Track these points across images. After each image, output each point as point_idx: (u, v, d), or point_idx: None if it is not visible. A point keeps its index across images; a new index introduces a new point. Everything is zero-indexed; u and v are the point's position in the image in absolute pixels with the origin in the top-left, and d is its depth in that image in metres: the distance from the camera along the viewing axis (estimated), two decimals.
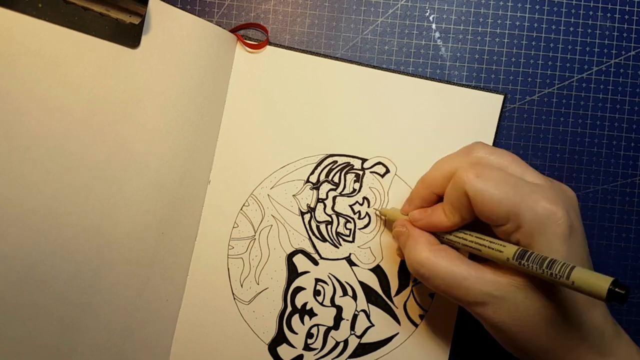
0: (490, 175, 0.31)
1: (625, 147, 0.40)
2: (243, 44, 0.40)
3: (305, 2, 0.41)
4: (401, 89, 0.40)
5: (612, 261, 0.40)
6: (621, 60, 0.40)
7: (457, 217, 0.33)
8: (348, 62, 0.40)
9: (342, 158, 0.40)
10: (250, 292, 0.40)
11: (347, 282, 0.40)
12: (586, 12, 0.40)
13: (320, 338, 0.39)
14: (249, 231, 0.40)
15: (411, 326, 0.39)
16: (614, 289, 0.26)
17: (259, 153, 0.40)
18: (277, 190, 0.40)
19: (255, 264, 0.40)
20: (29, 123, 0.28)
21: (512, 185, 0.31)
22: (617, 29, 0.40)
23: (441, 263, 0.32)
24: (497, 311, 0.31)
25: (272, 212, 0.40)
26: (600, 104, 0.40)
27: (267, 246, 0.40)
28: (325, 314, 0.39)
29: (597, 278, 0.27)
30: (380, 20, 0.40)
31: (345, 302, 0.39)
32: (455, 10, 0.40)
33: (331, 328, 0.39)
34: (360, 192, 0.40)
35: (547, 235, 0.30)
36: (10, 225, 0.28)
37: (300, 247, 0.40)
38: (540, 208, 0.30)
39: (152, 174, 0.35)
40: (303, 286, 0.40)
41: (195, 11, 0.40)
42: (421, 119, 0.40)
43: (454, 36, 0.40)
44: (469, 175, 0.32)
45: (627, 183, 0.40)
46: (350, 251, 0.40)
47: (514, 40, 0.40)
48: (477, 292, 0.31)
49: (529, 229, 0.30)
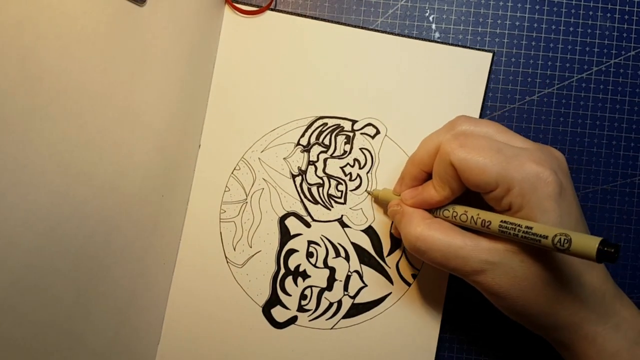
0: (474, 143, 0.32)
1: (625, 147, 0.40)
2: (232, 8, 0.40)
3: (305, 3, 0.41)
4: (390, 50, 0.40)
5: None
6: (621, 60, 0.40)
7: (446, 190, 0.33)
8: (336, 24, 0.40)
9: (333, 120, 0.40)
10: (243, 255, 0.40)
11: (339, 244, 0.40)
12: (586, 12, 0.40)
13: (314, 299, 0.40)
14: (240, 195, 0.40)
15: (404, 285, 0.40)
16: (603, 249, 0.26)
17: (249, 116, 0.40)
18: (268, 153, 0.40)
19: (248, 227, 0.40)
20: (49, 80, 0.28)
21: (496, 150, 0.31)
22: (617, 29, 0.40)
23: (436, 235, 0.32)
24: (495, 278, 0.31)
25: (263, 175, 0.40)
26: (600, 104, 0.40)
27: (259, 209, 0.40)
28: (319, 275, 0.40)
29: (586, 239, 0.27)
30: (380, 20, 0.40)
31: (338, 264, 0.40)
32: (455, 10, 0.40)
33: (324, 289, 0.40)
34: (350, 154, 0.40)
35: (537, 194, 0.30)
36: (31, 185, 0.28)
37: (292, 210, 0.40)
38: (528, 168, 0.30)
39: (156, 136, 0.35)
40: (296, 248, 0.40)
41: None
42: (410, 79, 0.40)
43: (454, 36, 0.40)
44: (452, 146, 0.32)
45: (627, 183, 0.40)
46: (342, 213, 0.40)
47: (514, 40, 0.40)
48: (475, 261, 0.31)
49: (519, 190, 0.30)
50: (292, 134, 0.40)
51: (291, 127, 0.40)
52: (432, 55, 0.40)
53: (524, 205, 0.30)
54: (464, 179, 0.32)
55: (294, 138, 0.40)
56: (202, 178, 0.40)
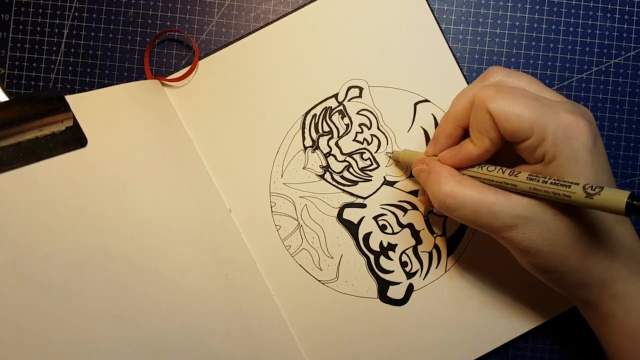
0: (510, 91, 0.32)
1: (625, 147, 0.40)
2: (167, 82, 0.40)
3: (305, 2, 0.41)
4: (330, 16, 0.40)
5: None
6: (621, 60, 0.40)
7: (485, 142, 0.32)
8: (265, 26, 0.40)
9: (318, 107, 0.40)
10: (332, 269, 0.40)
11: (399, 201, 0.40)
12: (586, 12, 0.40)
13: (414, 259, 0.40)
14: (292, 224, 0.40)
15: None
16: (632, 202, 0.26)
17: (248, 156, 0.40)
18: (288, 174, 0.40)
19: (317, 244, 0.40)
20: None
21: (532, 98, 0.31)
22: (617, 29, 0.40)
23: (467, 192, 0.32)
24: (527, 233, 0.31)
25: (298, 194, 0.40)
26: (600, 104, 0.40)
27: (315, 223, 0.40)
28: (403, 238, 0.40)
29: (614, 193, 0.26)
30: None
31: (412, 217, 0.40)
32: (455, 10, 0.40)
33: (416, 245, 0.40)
34: (354, 124, 0.40)
35: (571, 144, 0.30)
36: None
37: (342, 203, 0.40)
38: (563, 118, 0.30)
39: (195, 249, 0.36)
40: (368, 231, 0.40)
41: (196, 11, 0.40)
42: (363, 35, 0.40)
43: (454, 36, 0.40)
44: (489, 94, 0.32)
45: (627, 183, 0.40)
46: (382, 175, 0.40)
47: (514, 40, 0.40)
48: (507, 215, 0.31)
49: (553, 140, 0.30)
50: (295, 143, 0.40)
51: (289, 139, 0.40)
52: (367, 7, 0.40)
53: (558, 155, 0.30)
54: (501, 128, 0.31)
55: (299, 145, 0.40)
56: (252, 234, 0.40)
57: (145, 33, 0.40)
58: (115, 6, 0.40)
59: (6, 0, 0.40)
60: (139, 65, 0.40)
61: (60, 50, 0.40)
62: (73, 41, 0.40)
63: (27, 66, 0.40)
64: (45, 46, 0.40)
